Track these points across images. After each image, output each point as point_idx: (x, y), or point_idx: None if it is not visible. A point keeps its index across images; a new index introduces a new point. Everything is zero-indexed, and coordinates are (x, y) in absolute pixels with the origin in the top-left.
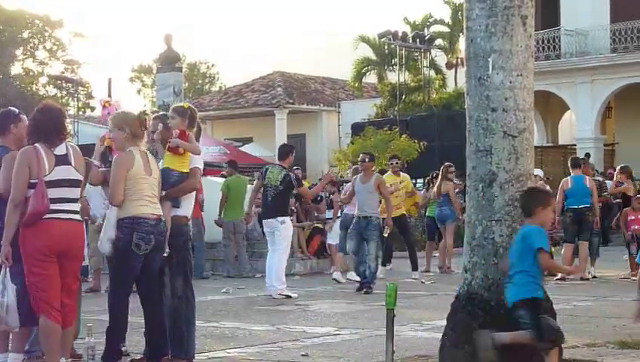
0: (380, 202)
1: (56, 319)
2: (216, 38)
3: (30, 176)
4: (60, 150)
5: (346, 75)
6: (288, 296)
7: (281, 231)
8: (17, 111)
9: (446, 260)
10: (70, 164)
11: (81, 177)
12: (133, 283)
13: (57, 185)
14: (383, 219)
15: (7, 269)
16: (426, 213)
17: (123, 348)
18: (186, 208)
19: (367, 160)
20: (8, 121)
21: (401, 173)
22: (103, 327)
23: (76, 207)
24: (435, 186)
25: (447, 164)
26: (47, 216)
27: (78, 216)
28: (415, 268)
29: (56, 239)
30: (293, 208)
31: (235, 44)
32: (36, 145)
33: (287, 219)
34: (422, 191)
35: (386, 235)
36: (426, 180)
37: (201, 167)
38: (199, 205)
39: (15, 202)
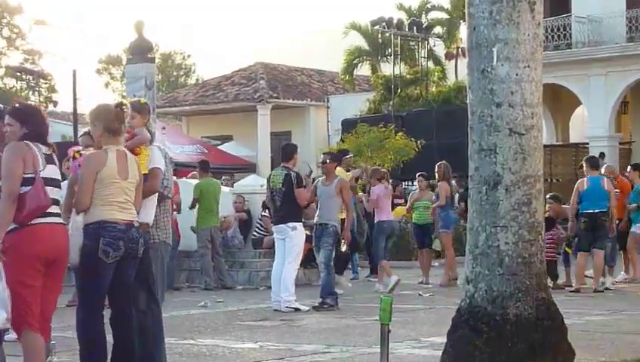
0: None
1: (38, 330)
2: (194, 28)
3: (24, 169)
4: (46, 149)
5: (335, 66)
6: (297, 309)
7: (292, 238)
8: (2, 106)
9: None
10: (55, 163)
11: (60, 178)
12: (104, 297)
13: (48, 184)
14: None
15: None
16: (413, 219)
17: None
18: (147, 214)
19: (328, 161)
20: None
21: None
22: (67, 346)
23: (59, 209)
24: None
25: (444, 162)
26: (37, 220)
27: (62, 220)
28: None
29: (49, 245)
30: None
31: (213, 33)
32: (26, 141)
33: (299, 225)
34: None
35: (343, 249)
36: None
37: (162, 167)
38: (175, 208)
39: (13, 195)
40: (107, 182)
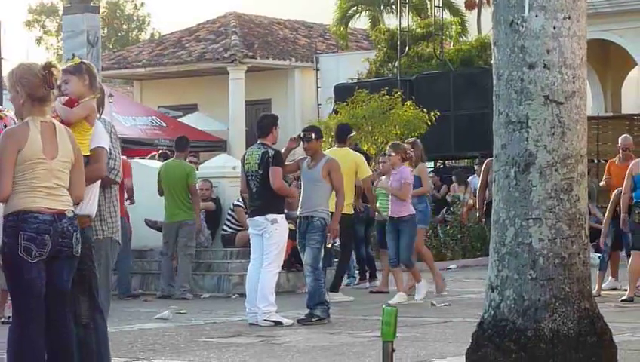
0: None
1: None
2: None
3: None
4: None
5: (326, 18)
6: (278, 323)
7: (272, 234)
8: None
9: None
10: None
11: None
12: (38, 303)
13: None
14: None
15: None
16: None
17: None
18: (87, 203)
19: (313, 137)
20: None
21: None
22: None
23: None
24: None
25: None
26: None
27: None
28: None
29: None
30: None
31: None
32: None
33: (281, 217)
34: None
35: (329, 246)
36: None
37: (107, 145)
38: (127, 196)
39: None
40: (30, 163)
